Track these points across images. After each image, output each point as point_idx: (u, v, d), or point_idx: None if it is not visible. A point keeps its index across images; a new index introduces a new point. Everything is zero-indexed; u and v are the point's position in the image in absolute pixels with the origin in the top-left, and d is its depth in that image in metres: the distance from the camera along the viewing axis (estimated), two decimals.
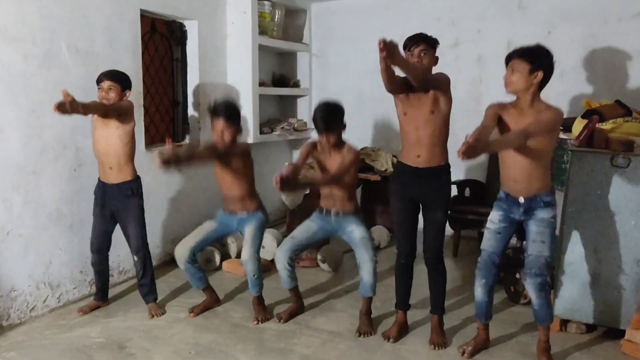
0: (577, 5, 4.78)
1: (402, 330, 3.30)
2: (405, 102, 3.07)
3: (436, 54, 3.09)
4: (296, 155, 6.11)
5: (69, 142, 3.68)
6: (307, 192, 4.63)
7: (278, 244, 4.60)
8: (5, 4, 3.24)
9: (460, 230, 4.86)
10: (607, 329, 3.28)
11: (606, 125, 3.52)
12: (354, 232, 3.40)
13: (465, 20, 5.24)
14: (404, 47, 3.05)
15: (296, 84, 5.96)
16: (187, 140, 4.89)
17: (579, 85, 4.85)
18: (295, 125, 5.76)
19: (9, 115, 3.31)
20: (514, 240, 4.00)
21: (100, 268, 3.62)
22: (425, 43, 3.01)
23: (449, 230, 3.80)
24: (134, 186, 3.52)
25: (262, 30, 5.26)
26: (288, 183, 3.10)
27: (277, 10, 5.45)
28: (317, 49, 6.00)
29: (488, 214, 4.53)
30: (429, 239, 3.15)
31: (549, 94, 4.91)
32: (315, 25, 5.97)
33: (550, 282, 2.98)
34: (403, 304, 3.30)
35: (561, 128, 4.28)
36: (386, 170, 5.02)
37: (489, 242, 3.00)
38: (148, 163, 4.31)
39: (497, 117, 2.88)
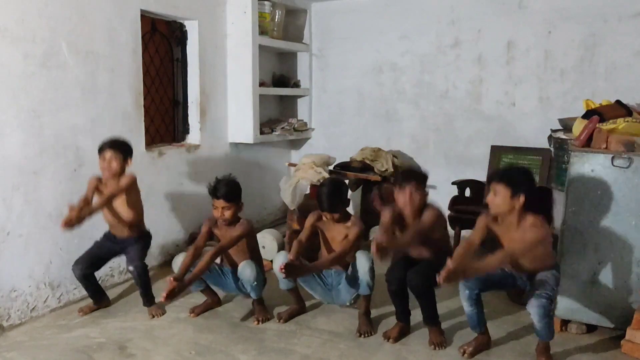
0: (577, 5, 4.78)
1: (404, 331, 3.30)
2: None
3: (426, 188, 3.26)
4: (296, 155, 6.12)
5: (69, 141, 3.68)
6: (308, 192, 4.63)
7: (278, 245, 4.61)
8: (5, 2, 3.24)
9: (460, 230, 4.85)
10: (608, 329, 3.28)
11: (606, 125, 3.51)
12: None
13: (465, 19, 5.24)
14: (394, 184, 3.25)
15: (296, 84, 5.96)
16: (187, 140, 4.88)
17: (579, 85, 4.85)
18: (296, 126, 5.75)
19: (8, 115, 3.31)
20: None
21: (86, 282, 3.60)
22: (415, 181, 3.19)
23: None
24: (144, 237, 3.67)
25: (262, 30, 5.26)
26: (293, 269, 3.20)
27: (277, 10, 5.44)
28: (317, 49, 6.00)
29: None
30: (416, 270, 3.18)
31: (549, 94, 5.00)
32: (315, 25, 5.97)
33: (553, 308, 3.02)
34: (403, 317, 3.32)
35: (561, 129, 4.31)
36: (386, 170, 5.02)
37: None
38: (147, 164, 4.32)
39: (486, 228, 3.00)
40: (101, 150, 3.46)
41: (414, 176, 3.24)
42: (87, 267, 3.55)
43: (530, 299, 2.88)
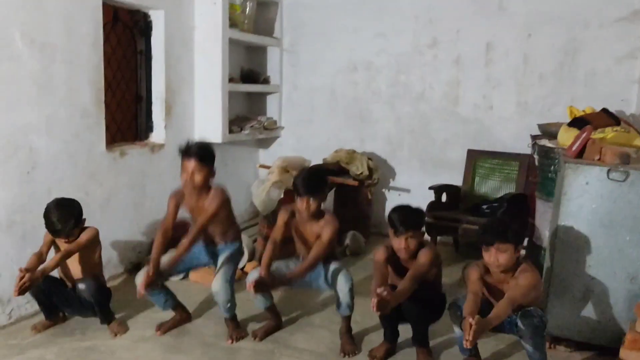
0: (558, 9, 4.69)
1: (390, 351, 3.11)
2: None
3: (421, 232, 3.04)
4: (264, 155, 5.87)
5: (21, 142, 3.32)
6: (282, 197, 4.39)
7: (248, 250, 4.35)
8: None
9: (436, 236, 4.71)
10: (599, 348, 3.18)
11: (594, 135, 3.41)
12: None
13: (444, 19, 5.08)
14: (390, 224, 2.95)
15: (266, 80, 5.68)
16: (151, 139, 4.55)
17: (558, 90, 4.77)
18: (265, 124, 5.49)
19: None
20: None
21: (40, 297, 3.23)
22: (412, 229, 2.93)
23: None
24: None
25: (232, 23, 4.96)
26: (264, 285, 2.98)
27: (248, 2, 5.16)
28: (289, 44, 5.73)
29: (464, 220, 4.48)
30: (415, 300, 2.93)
31: (527, 99, 4.91)
32: (287, 19, 5.69)
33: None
34: (391, 339, 3.13)
35: (540, 134, 4.21)
36: (361, 173, 4.83)
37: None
38: (108, 165, 3.99)
39: (481, 280, 2.84)
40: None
41: (411, 223, 2.94)
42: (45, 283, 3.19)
43: (519, 320, 2.75)
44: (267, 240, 4.16)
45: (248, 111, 5.79)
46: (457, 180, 5.02)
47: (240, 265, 4.19)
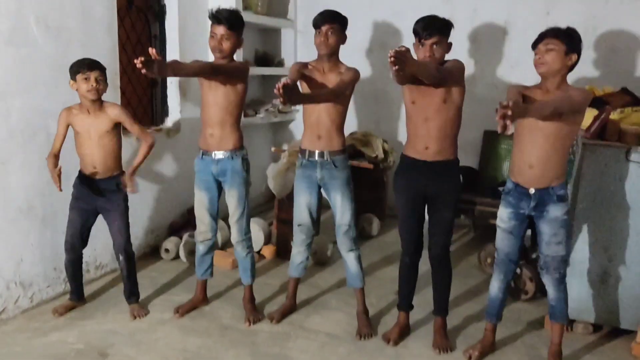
0: None
1: (404, 332, 3.12)
2: (414, 91, 2.84)
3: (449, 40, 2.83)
4: (278, 139, 5.86)
5: (39, 127, 3.35)
6: None
7: (265, 235, 4.38)
8: None
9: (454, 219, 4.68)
10: (616, 330, 3.16)
11: (613, 115, 3.35)
12: (337, 194, 3.15)
13: None
14: (415, 34, 2.79)
15: (280, 63, 5.65)
16: (167, 124, 4.57)
17: (576, 69, 4.52)
18: (280, 107, 5.47)
19: None
20: None
21: (75, 269, 3.35)
22: (439, 34, 2.75)
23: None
24: (118, 181, 3.28)
25: (246, 5, 4.93)
26: (291, 92, 2.63)
27: None
28: (303, 25, 5.67)
29: (481, 202, 4.45)
30: (436, 237, 2.96)
31: None
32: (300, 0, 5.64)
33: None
34: (406, 304, 3.12)
35: None
36: (377, 156, 4.80)
37: (503, 243, 2.84)
38: (124, 150, 4.01)
39: (521, 95, 2.65)
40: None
41: (438, 26, 2.75)
42: (81, 245, 3.29)
43: (543, 275, 2.79)
44: (282, 222, 4.22)
45: (263, 94, 5.77)
46: (473, 162, 4.98)
47: (256, 248, 4.22)
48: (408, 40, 5.15)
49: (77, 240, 3.28)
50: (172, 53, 4.48)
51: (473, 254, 4.37)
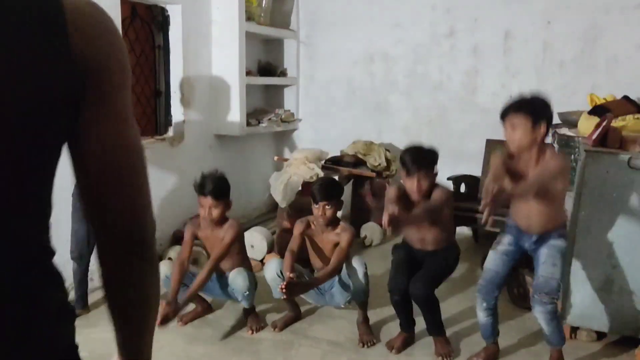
0: None
1: (407, 340, 3.12)
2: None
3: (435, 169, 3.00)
4: (282, 148, 5.88)
5: None
6: (300, 189, 4.40)
7: (268, 243, 4.39)
8: None
9: (455, 228, 4.68)
10: (620, 337, 3.16)
11: (615, 123, 3.37)
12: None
13: (461, 8, 5.03)
14: (402, 164, 2.94)
15: (283, 73, 5.69)
16: (170, 133, 4.59)
17: (578, 78, 4.70)
18: (283, 116, 5.50)
19: None
20: None
21: (82, 277, 3.37)
22: (425, 168, 2.89)
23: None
24: None
25: (249, 16, 4.98)
26: (294, 288, 2.97)
27: None
28: (305, 36, 5.73)
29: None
30: (419, 282, 2.94)
31: (547, 87, 4.83)
32: (303, 10, 5.69)
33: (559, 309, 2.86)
34: (407, 326, 3.13)
35: (560, 123, 4.16)
36: (379, 165, 4.82)
37: (494, 263, 2.86)
38: None
39: (504, 168, 2.67)
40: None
41: (423, 161, 2.91)
42: (88, 253, 3.29)
43: (535, 305, 2.74)
44: (285, 231, 4.23)
45: (265, 104, 5.81)
46: (476, 171, 4.98)
47: (259, 257, 4.24)
48: (408, 47, 5.23)
49: (84, 248, 3.29)
50: (176, 63, 4.52)
51: (476, 261, 4.37)
